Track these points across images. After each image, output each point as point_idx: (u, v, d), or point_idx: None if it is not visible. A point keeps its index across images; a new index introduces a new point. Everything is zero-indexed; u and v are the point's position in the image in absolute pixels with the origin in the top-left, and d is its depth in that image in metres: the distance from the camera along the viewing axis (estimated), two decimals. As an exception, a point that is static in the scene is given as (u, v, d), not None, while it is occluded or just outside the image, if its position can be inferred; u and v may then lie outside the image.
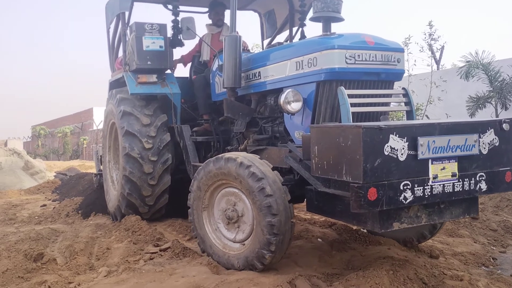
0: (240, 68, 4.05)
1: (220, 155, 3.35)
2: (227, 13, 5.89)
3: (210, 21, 5.81)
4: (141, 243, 4.25)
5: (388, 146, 2.57)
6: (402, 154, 2.62)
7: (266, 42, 6.56)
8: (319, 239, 4.22)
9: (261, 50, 6.20)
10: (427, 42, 10.34)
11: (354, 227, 4.34)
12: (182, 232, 4.76)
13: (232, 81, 4.03)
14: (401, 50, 3.51)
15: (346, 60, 3.25)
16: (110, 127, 5.70)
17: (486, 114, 9.48)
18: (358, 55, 3.28)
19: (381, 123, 2.64)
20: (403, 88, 3.55)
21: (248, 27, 5.77)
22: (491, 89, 8.75)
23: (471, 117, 9.04)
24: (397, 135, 2.60)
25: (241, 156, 3.23)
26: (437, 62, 15.68)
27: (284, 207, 3.04)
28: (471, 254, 4.01)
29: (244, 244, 3.32)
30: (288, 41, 6.09)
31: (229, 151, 4.76)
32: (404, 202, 2.63)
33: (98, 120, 29.54)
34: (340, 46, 3.25)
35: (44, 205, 7.12)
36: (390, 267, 3.09)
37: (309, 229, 4.57)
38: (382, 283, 2.84)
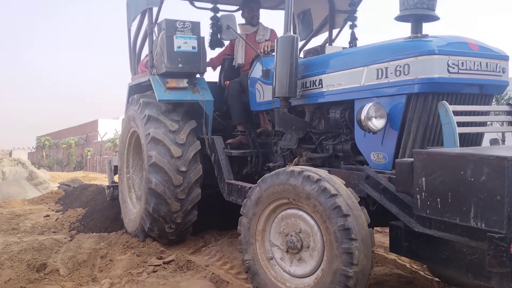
0: (296, 75, 3.42)
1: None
2: (262, 11, 5.32)
3: (243, 21, 5.20)
4: (144, 255, 4.18)
5: (534, 183, 1.96)
6: (548, 194, 2.01)
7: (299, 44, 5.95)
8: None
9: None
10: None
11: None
12: (186, 245, 4.57)
13: (287, 89, 3.40)
14: (507, 58, 2.89)
15: (449, 68, 2.63)
16: (130, 136, 5.05)
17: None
18: (462, 63, 2.66)
19: None
20: (508, 104, 2.93)
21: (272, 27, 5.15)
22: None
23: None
24: (544, 169, 1.98)
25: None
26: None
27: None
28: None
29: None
30: (328, 44, 5.48)
31: (270, 168, 4.14)
32: (549, 256, 2.02)
33: (103, 131, 29.68)
34: (441, 51, 2.62)
35: (48, 216, 6.83)
36: (396, 283, 3.04)
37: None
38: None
